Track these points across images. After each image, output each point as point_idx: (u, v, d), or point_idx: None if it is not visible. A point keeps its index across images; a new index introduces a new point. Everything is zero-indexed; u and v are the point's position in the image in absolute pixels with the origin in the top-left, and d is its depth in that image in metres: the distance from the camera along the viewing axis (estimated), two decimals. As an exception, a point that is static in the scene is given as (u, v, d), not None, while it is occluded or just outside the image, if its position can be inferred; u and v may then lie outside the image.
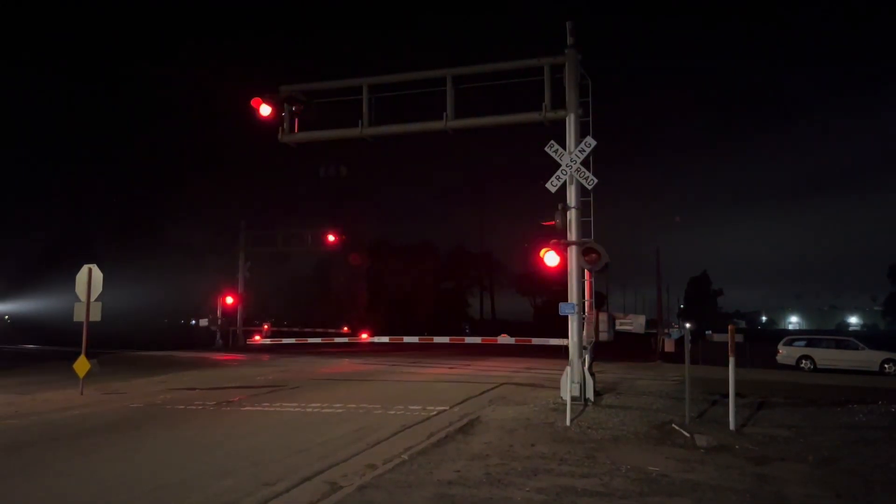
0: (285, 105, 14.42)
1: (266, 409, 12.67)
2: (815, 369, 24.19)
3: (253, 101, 14.24)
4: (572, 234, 12.76)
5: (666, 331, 36.30)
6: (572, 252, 12.72)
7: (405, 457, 8.30)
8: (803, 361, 24.75)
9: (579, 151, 12.50)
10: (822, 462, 8.07)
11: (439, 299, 65.02)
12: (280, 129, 14.52)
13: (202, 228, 46.60)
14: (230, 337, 37.26)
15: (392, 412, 11.88)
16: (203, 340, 37.55)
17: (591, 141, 12.49)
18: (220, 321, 37.21)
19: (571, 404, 10.90)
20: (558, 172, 12.54)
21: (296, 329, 36.00)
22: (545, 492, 6.79)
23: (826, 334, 35.23)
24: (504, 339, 19.38)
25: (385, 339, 21.49)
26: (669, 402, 12.46)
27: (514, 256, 64.06)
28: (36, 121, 60.74)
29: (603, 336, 13.42)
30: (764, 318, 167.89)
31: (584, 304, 12.99)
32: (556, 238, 12.83)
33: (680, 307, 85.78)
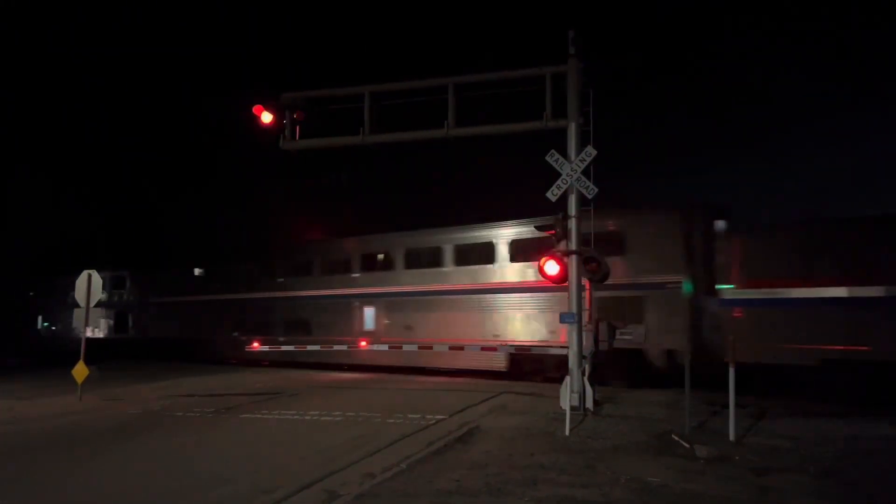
0: (287, 112, 14.45)
1: (265, 416, 12.64)
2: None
3: (255, 109, 14.25)
4: (572, 244, 12.76)
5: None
6: (572, 261, 12.71)
7: (404, 465, 8.27)
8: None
9: (580, 161, 12.51)
10: (823, 473, 8.03)
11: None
12: (281, 135, 14.54)
13: (201, 235, 46.55)
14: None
15: (391, 420, 11.84)
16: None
17: (591, 150, 12.49)
18: None
19: (571, 414, 10.86)
20: (559, 181, 12.55)
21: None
22: (544, 502, 6.76)
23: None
24: (503, 347, 19.33)
25: (384, 348, 21.44)
26: (669, 411, 12.42)
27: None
28: (33, 122, 60.93)
29: (603, 345, 13.39)
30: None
31: (583, 313, 12.96)
32: (556, 247, 12.84)
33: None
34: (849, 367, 13.66)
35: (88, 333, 21.85)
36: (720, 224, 16.51)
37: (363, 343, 21.43)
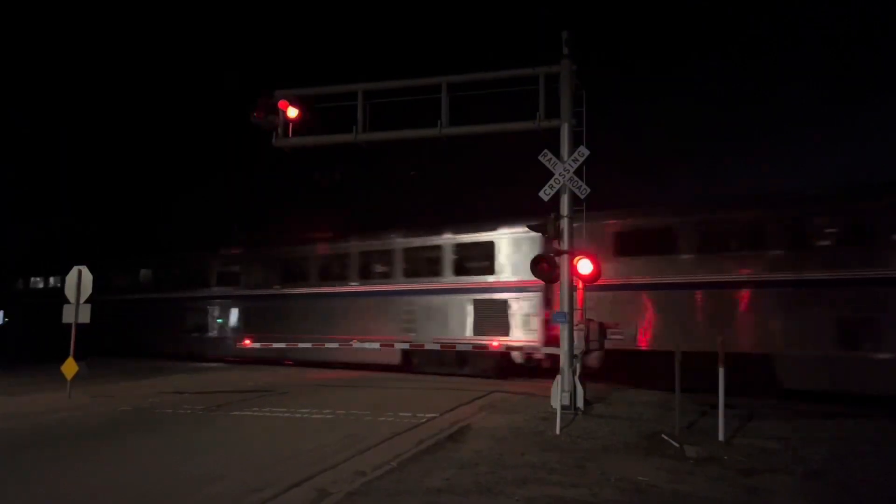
0: (280, 109, 14.40)
1: (255, 413, 12.61)
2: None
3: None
4: (564, 243, 12.79)
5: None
6: (564, 261, 12.74)
7: (394, 464, 8.27)
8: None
9: (572, 161, 12.55)
10: (811, 475, 8.09)
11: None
12: (274, 133, 14.49)
13: (193, 231, 46.34)
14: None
15: (382, 419, 11.84)
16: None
17: (584, 150, 12.54)
18: None
19: (561, 413, 10.89)
20: (551, 181, 12.58)
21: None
22: (534, 501, 6.78)
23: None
24: (496, 346, 19.36)
25: (376, 346, 21.40)
26: (659, 412, 12.47)
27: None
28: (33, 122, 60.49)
29: (594, 346, 13.42)
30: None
31: (575, 312, 12.99)
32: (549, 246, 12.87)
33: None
34: None
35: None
36: None
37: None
